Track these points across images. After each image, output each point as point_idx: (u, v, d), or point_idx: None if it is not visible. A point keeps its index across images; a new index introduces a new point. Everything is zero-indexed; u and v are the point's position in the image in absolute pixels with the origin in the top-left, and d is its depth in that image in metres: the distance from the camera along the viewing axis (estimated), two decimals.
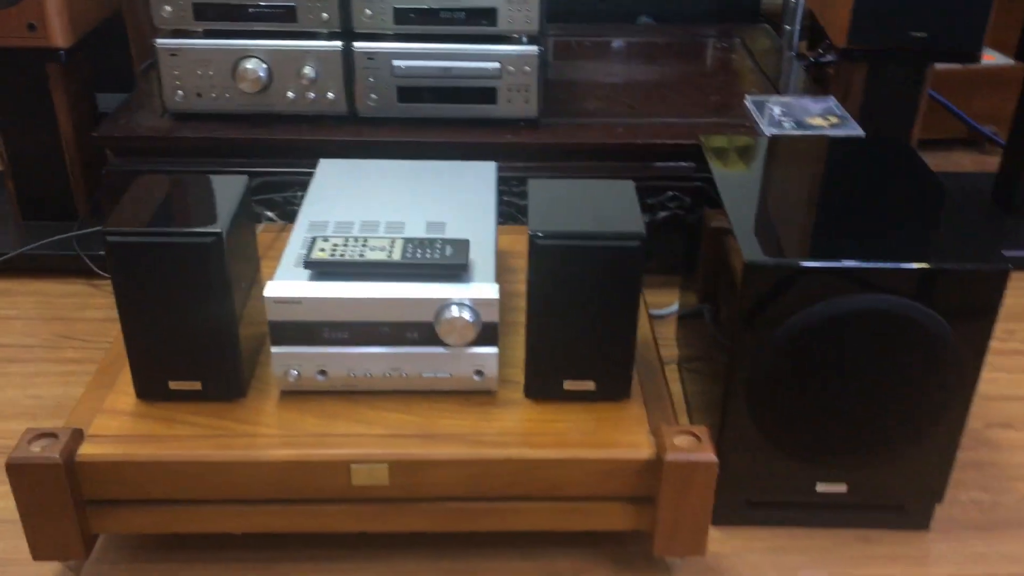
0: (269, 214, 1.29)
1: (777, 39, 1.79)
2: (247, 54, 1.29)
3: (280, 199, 1.33)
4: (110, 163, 1.34)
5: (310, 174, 1.27)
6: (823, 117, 1.37)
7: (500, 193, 1.15)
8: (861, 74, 1.45)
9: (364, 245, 0.91)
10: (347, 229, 0.98)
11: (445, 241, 0.92)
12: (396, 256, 0.89)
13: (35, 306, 1.35)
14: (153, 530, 0.90)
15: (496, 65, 1.30)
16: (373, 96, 1.32)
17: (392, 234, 0.96)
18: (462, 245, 0.91)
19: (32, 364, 1.24)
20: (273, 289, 0.88)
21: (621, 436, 0.89)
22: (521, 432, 0.90)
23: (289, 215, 1.32)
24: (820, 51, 1.96)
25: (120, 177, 1.32)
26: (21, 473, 0.83)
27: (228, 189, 0.92)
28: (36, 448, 0.84)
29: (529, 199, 0.92)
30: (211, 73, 1.30)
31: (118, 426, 0.89)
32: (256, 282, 0.96)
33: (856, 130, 1.31)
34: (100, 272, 1.38)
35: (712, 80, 1.57)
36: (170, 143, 1.32)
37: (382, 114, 1.34)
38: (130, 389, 0.92)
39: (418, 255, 0.89)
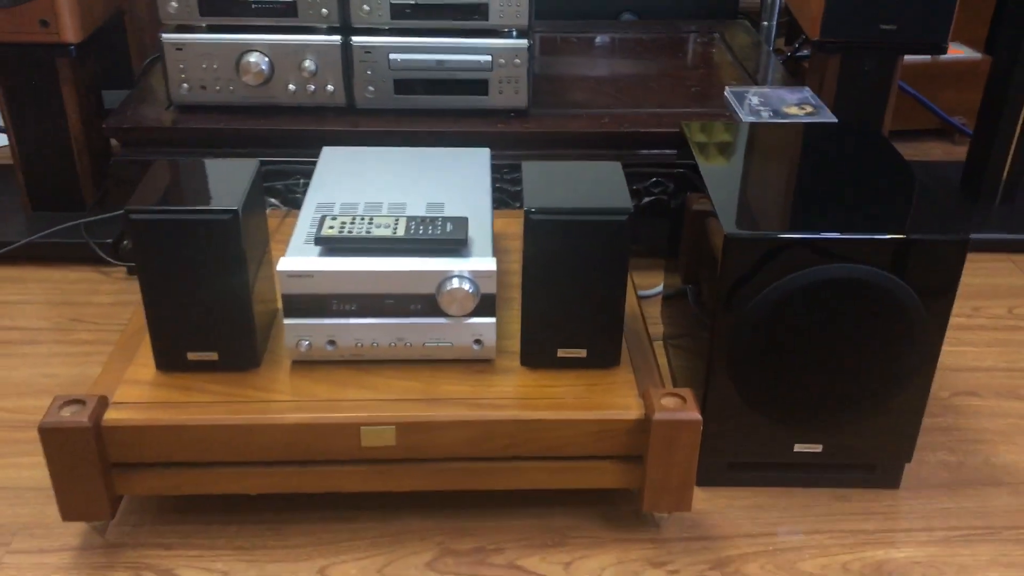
0: (273, 201, 1.35)
1: (755, 34, 1.86)
2: (250, 48, 1.35)
3: (282, 187, 1.38)
4: (117, 154, 1.39)
5: (311, 163, 1.33)
6: (799, 106, 1.44)
7: (492, 179, 1.22)
8: (834, 66, 1.52)
9: (370, 223, 0.97)
10: (353, 209, 1.04)
11: (445, 219, 0.98)
12: (400, 232, 0.96)
13: (46, 292, 1.41)
14: (174, 491, 0.96)
15: (488, 58, 1.36)
16: (371, 88, 1.38)
17: (395, 213, 1.02)
18: (461, 222, 0.97)
19: (45, 346, 1.29)
20: (286, 264, 0.94)
21: (612, 399, 0.96)
22: (518, 396, 0.96)
23: (291, 202, 1.38)
24: (796, 45, 2.04)
25: (127, 167, 1.37)
26: (53, 437, 0.89)
27: (241, 172, 0.98)
28: (66, 413, 0.90)
29: (524, 179, 0.99)
30: (215, 66, 1.36)
31: (140, 394, 0.95)
32: (265, 262, 1.02)
33: (830, 118, 1.38)
34: (108, 259, 1.43)
35: (693, 73, 1.64)
36: (176, 134, 1.37)
37: (379, 105, 1.40)
38: (150, 361, 0.98)
39: (420, 231, 0.96)
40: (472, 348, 0.99)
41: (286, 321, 0.96)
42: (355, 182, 1.11)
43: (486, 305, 0.96)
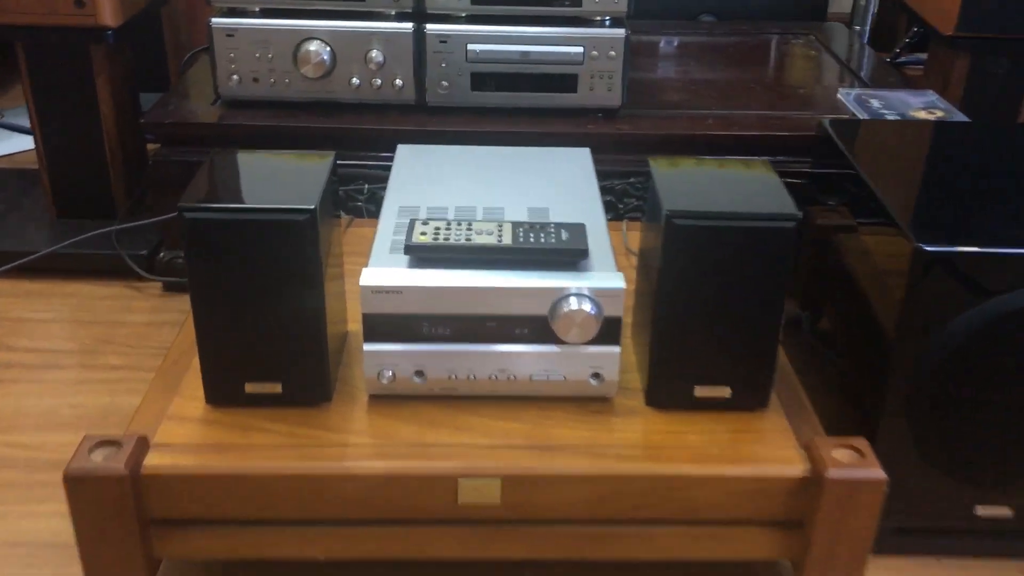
0: None
1: (853, 36, 1.69)
2: (310, 35, 1.19)
3: (343, 193, 1.22)
4: (157, 153, 1.23)
5: (375, 166, 1.17)
6: (927, 110, 1.26)
7: None
8: (963, 67, 1.35)
9: (469, 229, 0.80)
10: (443, 214, 0.87)
11: (559, 225, 0.80)
12: (507, 240, 0.78)
13: (72, 309, 1.24)
14: (226, 554, 0.79)
15: (579, 49, 1.20)
16: (444, 83, 1.22)
17: (493, 218, 0.85)
18: (578, 229, 0.80)
19: (71, 371, 1.12)
20: (371, 276, 0.76)
21: (766, 450, 0.78)
22: (648, 445, 0.78)
23: (353, 211, 1.21)
24: (898, 51, 1.86)
25: (167, 168, 1.21)
26: (81, 487, 0.72)
27: (315, 166, 0.81)
28: (98, 457, 0.72)
29: (654, 178, 0.81)
30: (270, 56, 1.19)
31: (187, 434, 0.78)
32: (335, 276, 0.85)
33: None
34: (142, 273, 1.26)
35: (794, 75, 1.47)
36: (223, 131, 1.21)
37: (453, 103, 1.23)
38: (198, 393, 0.81)
39: (531, 240, 0.78)
40: (589, 383, 0.81)
41: (366, 347, 0.79)
42: (440, 183, 0.94)
43: (610, 331, 0.78)
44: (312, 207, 0.73)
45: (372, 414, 0.80)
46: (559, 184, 0.94)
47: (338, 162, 1.20)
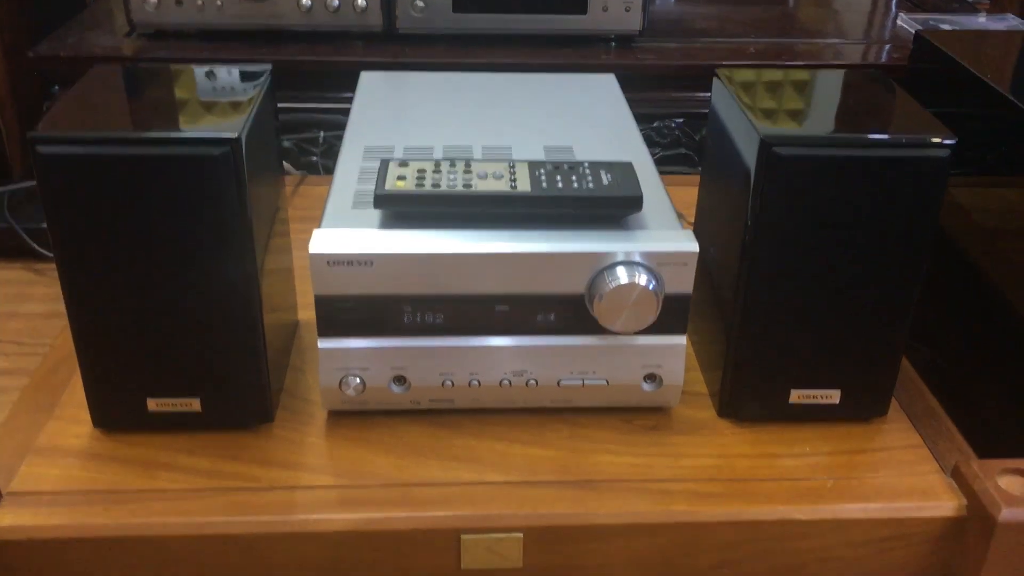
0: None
1: None
2: None
3: (291, 144, 0.97)
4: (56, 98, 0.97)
5: (333, 111, 0.92)
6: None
7: None
8: None
9: (468, 172, 0.55)
10: (426, 155, 0.63)
11: (597, 165, 0.56)
12: (523, 186, 0.54)
13: None
14: None
15: None
16: (419, 4, 0.97)
17: (500, 159, 0.60)
18: (626, 170, 0.56)
19: None
20: (323, 241, 0.52)
21: (899, 478, 0.55)
22: (730, 475, 0.55)
23: (306, 166, 0.96)
24: None
25: None
26: None
27: (239, 84, 0.56)
28: None
29: (731, 96, 0.57)
30: None
31: (60, 476, 0.53)
32: (277, 248, 0.60)
33: None
34: (41, 251, 1.00)
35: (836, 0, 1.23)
36: None
37: (430, 28, 0.98)
38: (82, 414, 0.56)
39: (559, 185, 0.54)
40: (641, 389, 0.57)
41: (322, 344, 0.54)
42: (419, 118, 0.69)
43: (674, 314, 0.55)
44: (234, 136, 0.48)
45: (332, 440, 0.56)
46: (581, 117, 0.70)
47: (286, 106, 0.96)
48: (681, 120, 0.98)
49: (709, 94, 0.63)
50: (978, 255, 0.67)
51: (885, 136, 0.51)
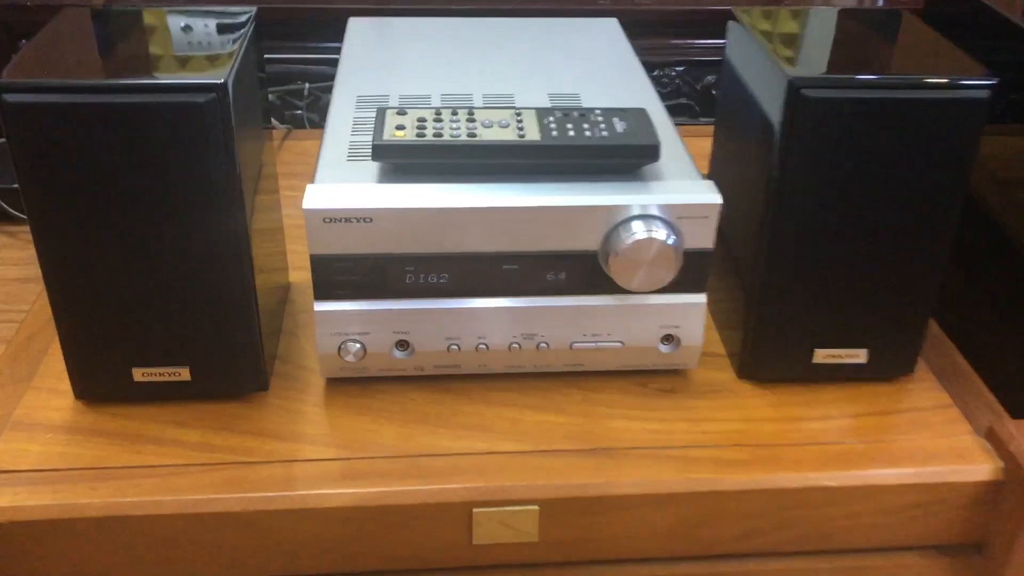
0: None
1: None
2: None
3: (275, 99, 0.92)
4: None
5: (319, 60, 0.88)
6: None
7: None
8: None
9: (471, 120, 0.51)
10: (424, 103, 0.59)
11: (609, 112, 0.53)
12: (532, 135, 0.50)
13: None
14: None
15: None
16: None
17: (508, 105, 0.56)
18: (640, 117, 0.52)
19: None
20: (318, 196, 0.48)
21: (930, 440, 0.52)
22: (754, 440, 0.52)
23: (290, 120, 0.92)
24: None
25: None
26: None
27: (223, 27, 0.52)
28: None
29: (752, 39, 0.54)
30: None
31: (42, 453, 0.50)
32: (265, 206, 0.57)
33: None
34: (15, 213, 0.96)
35: None
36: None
37: None
38: (63, 385, 0.52)
39: (569, 133, 0.50)
40: (658, 351, 0.54)
41: (318, 307, 0.51)
42: (412, 65, 0.65)
43: (694, 271, 0.51)
44: (219, 82, 0.44)
45: (332, 409, 0.53)
46: (585, 63, 0.66)
47: (269, 57, 0.91)
48: (682, 68, 0.94)
49: (711, 41, 0.60)
50: (1001, 210, 0.64)
51: (920, 76, 0.47)
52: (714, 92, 0.94)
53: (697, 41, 0.95)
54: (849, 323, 0.53)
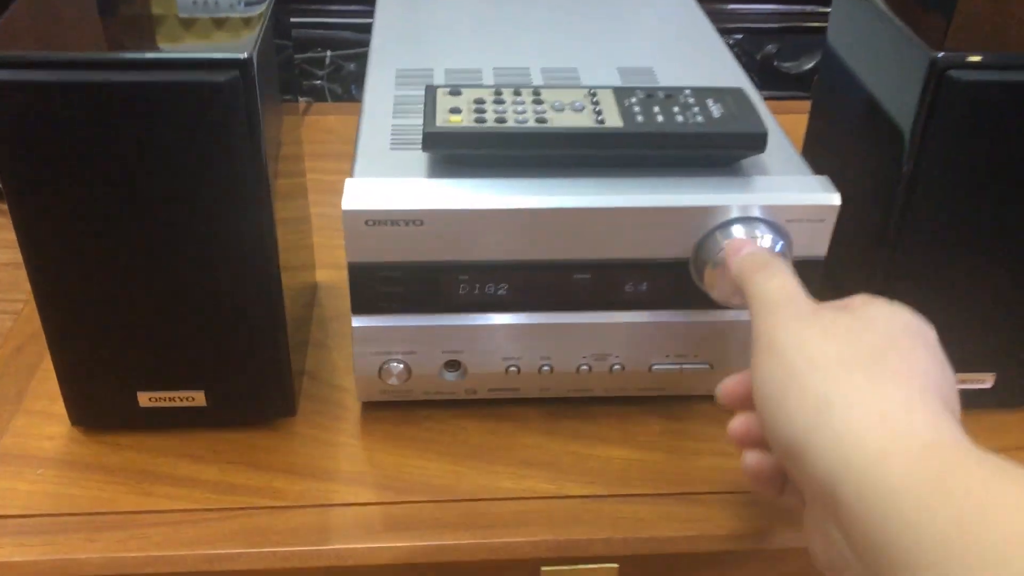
0: None
1: None
2: None
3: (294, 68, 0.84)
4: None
5: (339, 25, 0.79)
6: None
7: None
8: None
9: (537, 101, 0.43)
10: (474, 80, 0.50)
11: (702, 91, 0.44)
12: (612, 120, 0.42)
13: None
14: None
15: None
16: None
17: (565, 83, 0.48)
18: (738, 98, 0.44)
19: None
20: (359, 193, 0.40)
21: None
22: None
23: (309, 92, 0.83)
24: None
25: None
26: None
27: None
28: None
29: (873, 5, 0.45)
30: None
31: (29, 494, 0.42)
32: (290, 193, 0.48)
33: None
34: None
35: None
36: None
37: None
38: (56, 408, 0.45)
39: (658, 118, 0.42)
40: None
41: (357, 322, 0.43)
42: (458, 34, 0.57)
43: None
44: (243, 57, 0.36)
45: (370, 440, 0.45)
46: (654, 30, 0.58)
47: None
48: (740, 36, 0.85)
49: (772, 6, 0.51)
50: None
51: None
52: (776, 64, 0.86)
53: (757, 6, 0.86)
54: (976, 344, 0.45)
